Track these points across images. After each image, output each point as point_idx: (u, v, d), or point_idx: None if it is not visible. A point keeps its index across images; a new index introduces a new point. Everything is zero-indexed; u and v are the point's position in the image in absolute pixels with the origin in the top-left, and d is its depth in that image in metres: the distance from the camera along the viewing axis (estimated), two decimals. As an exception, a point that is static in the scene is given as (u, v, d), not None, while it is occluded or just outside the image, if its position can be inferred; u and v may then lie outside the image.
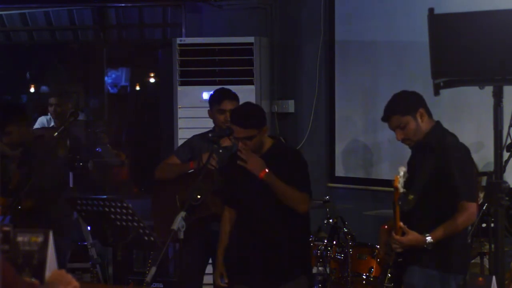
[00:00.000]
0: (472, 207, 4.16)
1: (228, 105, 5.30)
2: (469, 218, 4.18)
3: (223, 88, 5.61)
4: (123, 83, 9.91)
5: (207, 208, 5.07)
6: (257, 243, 4.82)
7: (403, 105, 4.36)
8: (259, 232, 4.80)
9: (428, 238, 4.13)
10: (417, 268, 4.26)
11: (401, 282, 4.37)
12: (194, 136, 5.57)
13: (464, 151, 4.29)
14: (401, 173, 4.06)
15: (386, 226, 4.49)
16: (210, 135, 5.28)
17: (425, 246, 4.14)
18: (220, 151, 5.20)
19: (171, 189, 5.32)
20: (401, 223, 4.15)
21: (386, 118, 4.41)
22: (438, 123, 4.38)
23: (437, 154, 4.22)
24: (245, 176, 4.91)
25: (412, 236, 4.15)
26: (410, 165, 4.46)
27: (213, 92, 5.55)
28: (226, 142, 5.31)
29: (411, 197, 4.20)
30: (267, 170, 4.62)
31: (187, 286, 5.37)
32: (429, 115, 4.37)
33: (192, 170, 5.29)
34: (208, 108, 5.46)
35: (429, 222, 4.19)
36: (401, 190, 4.06)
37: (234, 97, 5.39)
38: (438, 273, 4.23)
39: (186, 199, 5.01)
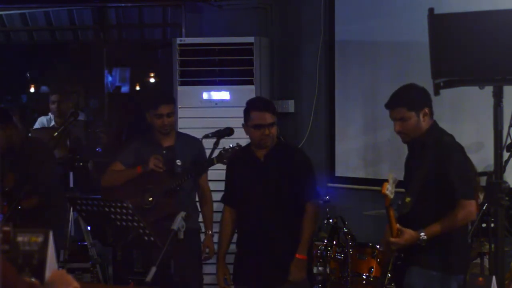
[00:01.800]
0: (470, 205, 4.15)
1: (165, 109, 5.28)
2: (467, 215, 4.17)
3: (158, 91, 5.60)
4: (123, 83, 9.91)
5: (161, 210, 5.08)
6: (258, 243, 4.82)
7: (412, 100, 4.32)
8: (260, 232, 4.80)
9: (422, 234, 4.13)
10: (417, 269, 4.26)
11: (402, 283, 4.37)
12: (135, 140, 5.55)
13: (459, 149, 4.28)
14: (390, 180, 4.06)
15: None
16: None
17: (418, 242, 4.14)
18: (164, 152, 5.22)
19: (120, 195, 5.26)
20: (398, 225, 4.15)
21: (390, 106, 4.36)
22: (434, 123, 4.37)
23: (433, 154, 4.21)
24: (245, 177, 4.92)
25: (408, 234, 4.14)
26: (408, 166, 4.46)
27: (148, 95, 5.51)
28: (167, 142, 5.32)
29: (408, 199, 4.19)
30: (299, 257, 4.79)
31: None
32: (431, 115, 4.36)
33: (138, 174, 5.26)
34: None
35: (429, 222, 4.19)
36: (391, 196, 4.06)
37: (170, 100, 5.37)
38: (438, 273, 4.22)
39: (138, 203, 5.03)
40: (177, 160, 5.24)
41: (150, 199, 5.17)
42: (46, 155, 5.63)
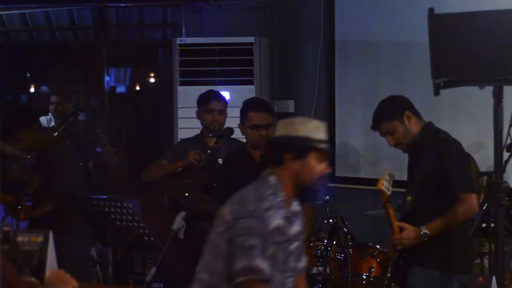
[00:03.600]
0: (470, 198, 4.15)
1: (216, 105, 5.31)
2: (468, 208, 4.16)
3: (211, 89, 5.65)
4: (123, 83, 9.91)
5: (195, 204, 5.08)
6: None
7: (389, 111, 4.38)
8: None
9: (423, 229, 4.12)
10: (419, 269, 4.26)
11: (403, 282, 4.37)
12: (182, 141, 5.59)
13: (455, 144, 4.29)
14: (386, 177, 4.06)
15: None
16: (210, 134, 5.29)
17: (421, 237, 4.13)
18: (208, 151, 5.23)
19: (159, 190, 5.32)
20: (397, 222, 4.16)
21: (374, 126, 4.44)
22: (429, 123, 4.38)
23: (431, 152, 4.22)
24: (241, 178, 4.87)
25: (409, 230, 4.15)
26: (409, 169, 4.46)
27: (202, 93, 5.57)
28: (212, 143, 5.33)
29: (408, 198, 4.20)
30: None
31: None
32: (418, 116, 4.37)
33: (180, 170, 5.30)
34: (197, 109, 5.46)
35: (431, 220, 4.18)
36: (388, 192, 4.06)
37: (222, 99, 5.40)
38: (440, 273, 4.22)
39: (175, 197, 5.04)
40: (219, 159, 5.26)
41: (186, 194, 5.18)
42: (69, 160, 5.48)
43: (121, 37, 9.16)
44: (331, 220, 5.66)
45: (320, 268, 5.55)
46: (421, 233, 4.13)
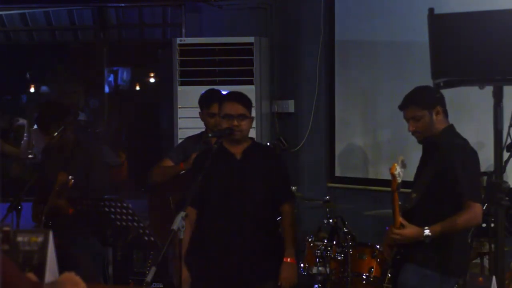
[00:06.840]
0: (477, 208, 4.15)
1: (218, 109, 5.27)
2: (473, 217, 4.16)
3: (212, 90, 5.59)
4: (123, 83, 9.91)
5: None
6: (231, 244, 4.62)
7: (424, 99, 4.36)
8: (234, 233, 4.63)
9: (426, 231, 4.13)
10: (413, 266, 4.26)
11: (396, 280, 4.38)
12: (187, 139, 5.58)
13: (472, 153, 4.29)
14: (399, 162, 4.05)
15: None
16: (209, 134, 5.28)
17: (423, 239, 4.14)
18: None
19: (165, 191, 5.32)
20: (401, 218, 4.15)
21: (403, 106, 4.40)
22: (451, 126, 4.39)
23: (443, 154, 4.22)
24: (221, 175, 4.71)
25: (411, 228, 4.15)
26: (419, 166, 4.46)
27: (202, 93, 5.50)
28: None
29: (413, 195, 4.21)
30: (288, 260, 4.65)
31: None
32: (445, 115, 4.38)
33: (184, 171, 5.29)
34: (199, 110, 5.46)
35: (432, 221, 4.18)
36: (399, 179, 4.04)
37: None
38: (434, 273, 4.22)
39: (180, 199, 5.02)
40: None
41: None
42: (100, 158, 5.46)
43: (121, 37, 9.17)
44: (331, 220, 5.67)
45: (320, 268, 5.57)
46: (424, 235, 4.12)
